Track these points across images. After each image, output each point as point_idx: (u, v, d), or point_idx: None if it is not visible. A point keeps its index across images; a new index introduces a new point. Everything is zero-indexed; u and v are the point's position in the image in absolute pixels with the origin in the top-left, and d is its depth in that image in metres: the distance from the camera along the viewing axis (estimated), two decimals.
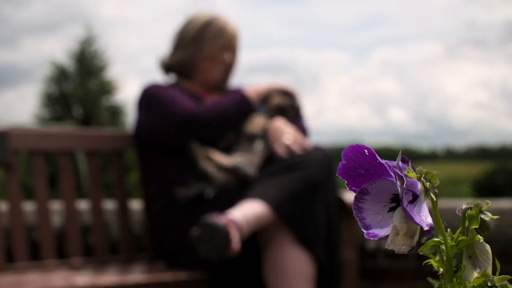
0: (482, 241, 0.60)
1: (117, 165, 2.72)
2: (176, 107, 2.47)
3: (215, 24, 2.62)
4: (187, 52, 2.62)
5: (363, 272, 3.14)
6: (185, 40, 2.64)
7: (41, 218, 2.51)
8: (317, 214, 2.26)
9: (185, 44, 2.63)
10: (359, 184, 0.57)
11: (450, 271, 0.59)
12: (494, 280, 0.59)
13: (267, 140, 2.46)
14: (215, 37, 2.61)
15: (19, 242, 2.44)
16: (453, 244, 0.58)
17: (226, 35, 2.62)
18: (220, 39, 2.62)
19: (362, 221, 0.57)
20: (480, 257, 0.60)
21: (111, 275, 2.29)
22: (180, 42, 2.65)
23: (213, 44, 2.61)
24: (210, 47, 2.61)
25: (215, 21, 2.63)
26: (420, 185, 0.56)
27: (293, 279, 2.18)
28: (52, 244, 2.51)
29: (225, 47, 2.63)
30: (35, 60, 63.65)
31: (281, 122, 2.49)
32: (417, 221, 0.55)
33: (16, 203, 2.46)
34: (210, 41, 2.61)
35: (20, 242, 2.44)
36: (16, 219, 2.45)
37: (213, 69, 2.64)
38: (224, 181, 2.37)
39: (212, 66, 2.64)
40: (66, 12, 68.68)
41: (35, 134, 2.57)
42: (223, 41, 2.62)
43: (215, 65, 2.64)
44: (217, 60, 2.63)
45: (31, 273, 2.35)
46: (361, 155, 0.56)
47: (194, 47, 2.61)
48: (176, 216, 2.44)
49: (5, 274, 2.33)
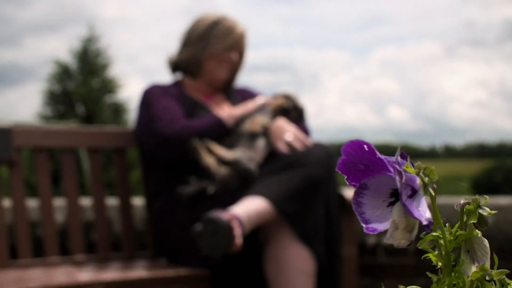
0: (480, 236, 0.60)
1: (119, 162, 2.72)
2: (156, 124, 2.47)
3: (223, 24, 2.62)
4: (194, 50, 2.62)
5: (363, 268, 3.14)
6: (192, 38, 2.63)
7: (44, 215, 2.51)
8: (317, 211, 2.26)
9: (192, 42, 2.63)
10: (359, 179, 0.57)
11: (448, 265, 0.59)
12: (492, 274, 0.60)
13: (269, 138, 2.46)
14: (223, 36, 2.60)
15: (22, 239, 2.44)
16: (452, 239, 0.58)
17: (233, 35, 2.62)
18: (228, 38, 2.61)
19: (362, 215, 0.57)
20: (478, 251, 0.60)
21: (113, 271, 2.29)
22: (188, 40, 2.65)
23: (220, 43, 2.60)
24: (217, 46, 2.60)
25: (224, 21, 2.63)
26: (419, 180, 0.56)
27: (294, 275, 2.19)
28: (55, 240, 2.51)
29: (232, 46, 2.62)
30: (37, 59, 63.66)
31: (282, 121, 2.49)
32: (415, 215, 0.55)
33: (19, 200, 2.46)
34: (217, 39, 2.60)
35: (23, 239, 2.45)
36: (20, 215, 2.45)
37: (218, 68, 2.64)
38: (225, 175, 2.37)
39: (217, 65, 2.63)
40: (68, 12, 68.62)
41: (39, 131, 2.57)
42: (230, 40, 2.61)
43: (220, 64, 2.63)
44: (223, 59, 2.62)
45: (34, 269, 2.36)
46: (361, 151, 0.56)
47: (201, 45, 2.61)
48: (178, 213, 2.44)
49: (9, 270, 2.34)
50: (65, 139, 2.60)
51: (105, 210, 2.67)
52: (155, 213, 2.56)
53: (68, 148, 2.62)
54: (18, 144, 2.48)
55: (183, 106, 2.56)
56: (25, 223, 2.46)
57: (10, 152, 2.44)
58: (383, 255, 3.13)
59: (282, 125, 2.46)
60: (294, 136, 2.41)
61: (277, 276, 2.20)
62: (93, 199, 2.66)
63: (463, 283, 0.59)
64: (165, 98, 2.55)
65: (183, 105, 2.57)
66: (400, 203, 0.55)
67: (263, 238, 2.27)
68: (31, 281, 2.10)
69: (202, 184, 2.39)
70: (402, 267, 3.10)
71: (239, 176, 2.36)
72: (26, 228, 2.46)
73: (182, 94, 2.62)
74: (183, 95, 2.61)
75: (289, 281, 2.18)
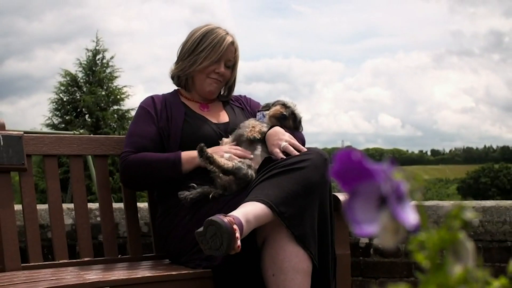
0: (465, 238, 0.61)
1: None
2: (125, 147, 2.55)
3: (210, 38, 2.58)
4: (183, 66, 2.62)
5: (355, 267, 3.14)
6: (183, 54, 2.63)
7: (53, 219, 2.52)
8: (313, 213, 2.26)
9: (183, 58, 2.63)
10: (350, 185, 0.58)
11: (434, 265, 0.60)
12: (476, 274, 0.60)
13: (266, 144, 2.47)
14: (208, 50, 2.57)
15: (33, 242, 2.45)
16: (438, 241, 0.59)
17: (219, 47, 2.57)
18: (213, 52, 2.57)
19: (353, 219, 0.58)
20: (463, 252, 0.61)
21: (119, 272, 2.29)
22: (180, 55, 2.66)
23: (206, 57, 2.57)
24: (203, 61, 2.57)
25: (211, 34, 2.58)
26: (406, 186, 0.57)
27: (291, 274, 2.19)
28: (64, 243, 2.52)
29: (219, 59, 2.59)
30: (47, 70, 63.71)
31: (279, 128, 2.50)
32: (402, 219, 0.56)
33: (30, 205, 2.47)
34: (203, 54, 2.57)
35: (34, 242, 2.45)
36: (30, 219, 2.46)
37: (207, 81, 2.63)
38: (226, 182, 2.39)
39: (206, 78, 2.62)
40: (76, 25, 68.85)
41: (48, 139, 2.58)
42: (216, 54, 2.57)
43: (209, 77, 2.62)
44: (210, 72, 2.61)
45: (45, 270, 2.36)
46: (352, 159, 0.57)
47: (190, 61, 2.60)
48: (180, 217, 2.44)
49: (19, 271, 2.34)
50: (73, 146, 2.61)
51: (111, 214, 2.67)
52: (159, 216, 2.57)
53: (76, 155, 2.63)
54: (29, 151, 2.49)
55: (179, 114, 2.57)
56: (36, 227, 2.47)
57: (22, 159, 2.44)
58: (374, 255, 3.14)
59: (278, 131, 2.47)
60: (289, 143, 2.42)
61: (275, 275, 2.21)
62: (100, 204, 2.66)
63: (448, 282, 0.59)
64: (147, 120, 2.57)
65: (180, 113, 2.58)
66: (388, 208, 0.56)
67: (261, 239, 2.27)
68: (41, 281, 2.10)
69: (203, 188, 2.40)
70: (392, 266, 3.10)
71: (239, 182, 2.37)
72: (36, 232, 2.46)
73: (179, 103, 2.63)
74: (180, 104, 2.62)
75: (286, 280, 2.19)
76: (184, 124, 2.56)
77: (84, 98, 17.41)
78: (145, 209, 3.10)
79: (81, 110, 17.75)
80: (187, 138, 2.51)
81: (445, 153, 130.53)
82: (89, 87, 17.80)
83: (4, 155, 2.40)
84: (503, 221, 2.99)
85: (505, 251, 3.00)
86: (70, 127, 16.58)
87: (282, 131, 2.48)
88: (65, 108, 17.94)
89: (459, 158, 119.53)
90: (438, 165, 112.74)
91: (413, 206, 0.57)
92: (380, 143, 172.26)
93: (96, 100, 17.47)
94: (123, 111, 18.11)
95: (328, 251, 2.31)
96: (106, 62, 18.38)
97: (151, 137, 2.52)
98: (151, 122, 2.55)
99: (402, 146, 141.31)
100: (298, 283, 2.19)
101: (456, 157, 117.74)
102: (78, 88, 18.09)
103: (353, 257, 3.08)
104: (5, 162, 2.40)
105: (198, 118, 2.61)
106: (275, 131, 2.48)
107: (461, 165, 51.22)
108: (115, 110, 18.05)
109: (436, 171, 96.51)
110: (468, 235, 0.63)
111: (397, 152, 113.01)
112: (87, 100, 17.30)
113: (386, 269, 3.11)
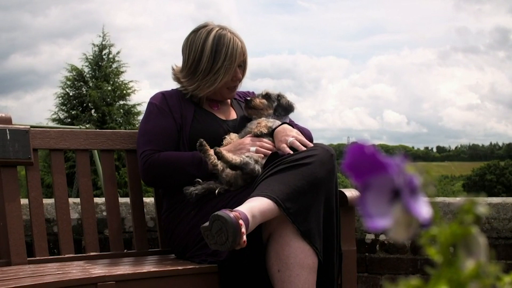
0: (477, 232, 0.60)
1: (131, 163, 2.72)
2: (143, 145, 2.50)
3: (222, 51, 2.53)
4: (200, 85, 2.55)
5: (361, 263, 3.14)
6: (197, 72, 2.56)
7: (59, 214, 2.52)
8: (319, 209, 2.26)
9: (199, 77, 2.56)
10: (363, 179, 0.58)
11: (446, 260, 0.59)
12: (487, 269, 0.60)
13: (273, 140, 2.47)
14: (225, 67, 2.53)
15: (39, 236, 2.45)
16: (450, 235, 0.59)
17: (235, 57, 2.54)
18: (230, 66, 2.53)
19: (365, 213, 0.57)
20: (475, 247, 0.60)
21: (125, 267, 2.29)
22: (190, 70, 2.58)
23: (225, 74, 2.54)
24: (223, 78, 2.54)
25: (222, 44, 2.53)
26: (419, 180, 0.57)
27: (296, 270, 2.19)
28: (70, 238, 2.52)
29: (236, 67, 2.57)
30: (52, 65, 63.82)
31: (287, 125, 2.50)
32: (415, 213, 0.55)
33: (36, 199, 2.47)
34: (221, 71, 2.53)
35: (40, 236, 2.45)
36: (36, 214, 2.46)
37: (226, 92, 2.64)
38: (231, 177, 2.38)
39: (225, 90, 2.63)
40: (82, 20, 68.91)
41: (55, 133, 2.58)
42: (232, 65, 2.54)
43: (231, 87, 2.63)
44: (229, 83, 2.60)
45: (50, 264, 2.36)
46: (364, 152, 0.56)
47: (207, 82, 2.54)
48: (185, 212, 2.44)
49: (26, 265, 2.34)
50: (79, 140, 2.61)
51: (118, 209, 2.67)
52: (164, 211, 2.56)
53: (82, 149, 2.62)
54: (35, 145, 2.49)
55: (189, 111, 2.56)
56: (42, 221, 2.47)
57: (28, 153, 2.44)
58: (380, 251, 3.13)
59: (286, 129, 2.47)
60: (296, 138, 2.41)
61: (280, 271, 2.20)
62: (106, 198, 2.66)
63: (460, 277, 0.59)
64: (162, 116, 2.53)
65: (189, 110, 2.56)
66: (401, 201, 0.55)
67: (266, 234, 2.27)
68: (46, 275, 2.10)
69: (209, 184, 2.40)
70: (399, 262, 3.10)
71: (245, 177, 2.36)
72: (43, 226, 2.46)
73: (187, 100, 2.60)
74: (189, 101, 2.60)
75: (292, 276, 2.18)
76: (193, 122, 2.55)
77: (90, 93, 17.43)
78: (151, 204, 3.10)
79: (87, 105, 17.77)
80: (196, 135, 2.49)
81: (451, 150, 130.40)
82: (95, 82, 17.82)
83: (11, 149, 2.40)
84: (509, 218, 2.98)
85: (511, 248, 2.98)
86: (76, 121, 16.62)
87: (290, 127, 2.48)
88: (71, 102, 17.97)
89: (464, 155, 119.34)
90: (444, 162, 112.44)
91: (426, 200, 0.57)
92: (385, 139, 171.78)
93: (102, 95, 17.49)
94: (129, 106, 18.14)
95: (333, 247, 2.31)
96: (112, 57, 18.39)
97: (169, 133, 2.51)
98: (167, 117, 2.53)
99: (408, 142, 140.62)
100: (304, 279, 2.19)
101: (461, 154, 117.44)
102: (84, 83, 18.12)
103: (359, 253, 3.07)
104: (11, 156, 2.40)
105: (207, 115, 2.60)
106: (283, 128, 2.48)
107: (467, 162, 50.85)
108: (121, 105, 18.08)
109: (441, 168, 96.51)
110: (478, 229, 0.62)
111: (402, 149, 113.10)
112: (93, 95, 17.32)
113: (392, 265, 3.11)
